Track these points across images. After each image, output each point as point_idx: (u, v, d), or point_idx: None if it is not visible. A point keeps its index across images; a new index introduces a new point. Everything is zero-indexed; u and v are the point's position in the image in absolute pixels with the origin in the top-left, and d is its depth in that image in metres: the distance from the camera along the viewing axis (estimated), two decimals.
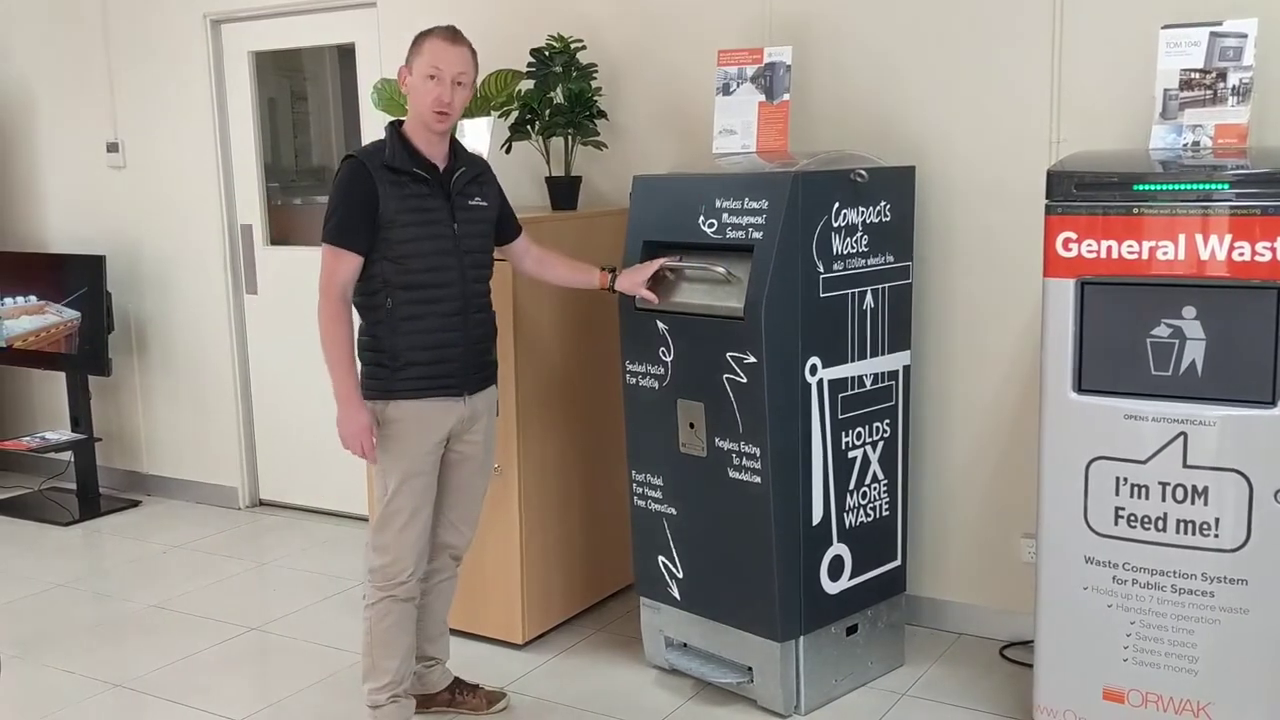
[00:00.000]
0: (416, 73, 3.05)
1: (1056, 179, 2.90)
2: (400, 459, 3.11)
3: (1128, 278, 2.82)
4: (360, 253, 3.02)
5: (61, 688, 3.73)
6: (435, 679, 3.45)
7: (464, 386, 3.16)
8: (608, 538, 4.12)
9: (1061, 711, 3.05)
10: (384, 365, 3.08)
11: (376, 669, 3.21)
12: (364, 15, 4.84)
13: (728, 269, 3.22)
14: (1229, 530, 2.78)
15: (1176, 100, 3.05)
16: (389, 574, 3.16)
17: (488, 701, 3.48)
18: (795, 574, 3.29)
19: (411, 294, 3.05)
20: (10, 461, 6.11)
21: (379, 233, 3.01)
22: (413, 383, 3.08)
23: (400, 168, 3.04)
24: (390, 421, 3.10)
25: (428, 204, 3.07)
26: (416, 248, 3.04)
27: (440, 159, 3.13)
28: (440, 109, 3.04)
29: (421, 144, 3.09)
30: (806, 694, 3.38)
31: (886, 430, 3.48)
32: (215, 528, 5.31)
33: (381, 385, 3.09)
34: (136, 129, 5.56)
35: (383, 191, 3.00)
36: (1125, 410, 2.86)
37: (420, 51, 3.06)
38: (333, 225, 3.03)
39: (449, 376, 3.12)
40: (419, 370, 3.07)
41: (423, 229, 3.05)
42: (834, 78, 3.85)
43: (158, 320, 5.66)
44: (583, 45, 4.08)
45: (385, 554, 3.16)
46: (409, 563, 3.16)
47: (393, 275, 3.04)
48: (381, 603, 3.17)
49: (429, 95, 3.03)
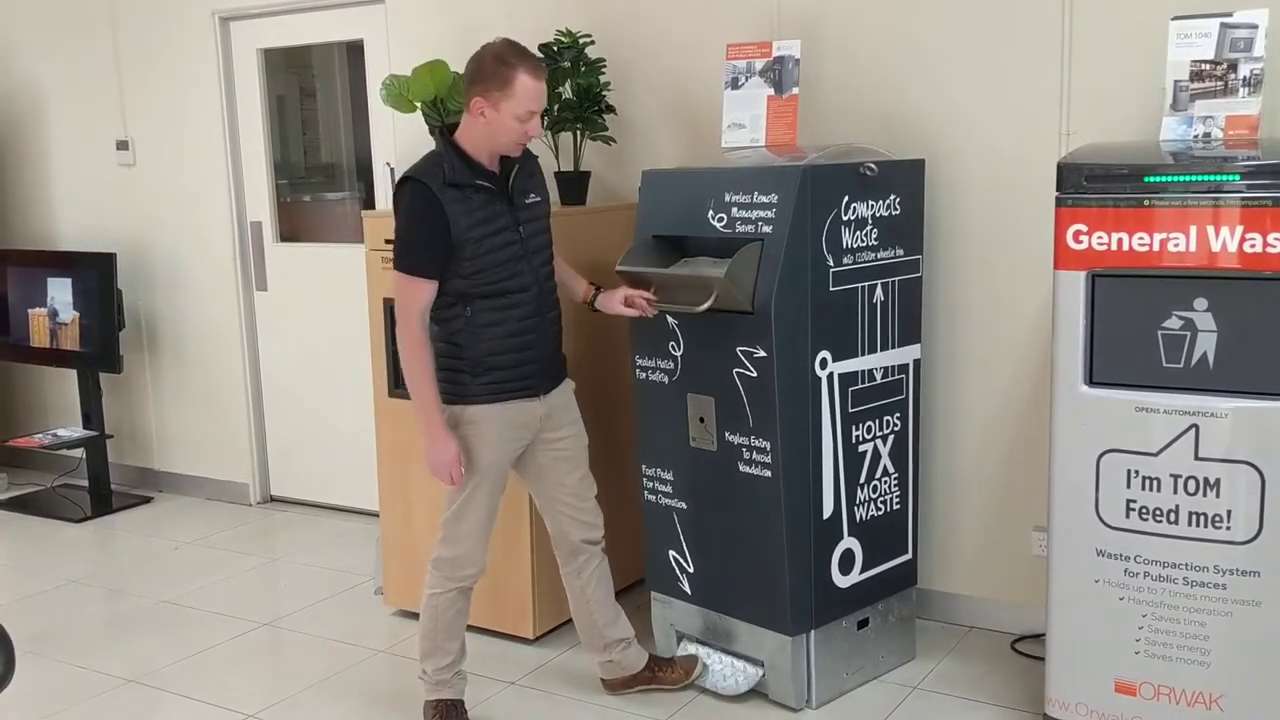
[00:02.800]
0: (506, 112, 2.97)
1: (1067, 171, 2.89)
2: (478, 459, 3.13)
3: (1139, 270, 2.82)
4: (435, 278, 3.02)
5: (75, 683, 3.75)
6: (632, 659, 3.48)
7: (540, 387, 3.19)
8: (618, 532, 4.10)
9: (1073, 704, 3.04)
10: (464, 371, 3.09)
11: (438, 650, 3.26)
12: (373, 12, 4.84)
13: (708, 278, 3.20)
14: (1241, 522, 2.77)
15: (1187, 92, 3.04)
16: (457, 566, 3.20)
17: (685, 671, 3.49)
18: (806, 568, 3.29)
19: (490, 302, 3.06)
20: (23, 459, 6.14)
21: (455, 251, 3.00)
22: (492, 386, 3.10)
23: (464, 183, 3.01)
24: (469, 423, 3.11)
25: (492, 212, 3.05)
26: (490, 259, 3.03)
27: (496, 163, 3.10)
28: (527, 140, 3.05)
29: (482, 156, 3.06)
30: (818, 688, 3.38)
31: (897, 424, 3.48)
32: (227, 524, 5.33)
33: (461, 390, 3.11)
34: (146, 127, 5.57)
35: (451, 211, 2.98)
36: (1136, 403, 2.85)
37: (511, 93, 2.95)
38: (406, 254, 3.01)
39: (529, 378, 3.15)
40: (500, 375, 3.10)
41: (493, 239, 3.04)
42: (842, 71, 3.84)
43: (168, 317, 5.68)
44: (591, 40, 4.07)
45: (456, 546, 3.19)
46: (477, 557, 3.21)
47: (469, 288, 3.05)
48: (448, 594, 3.22)
49: (516, 132, 3.00)
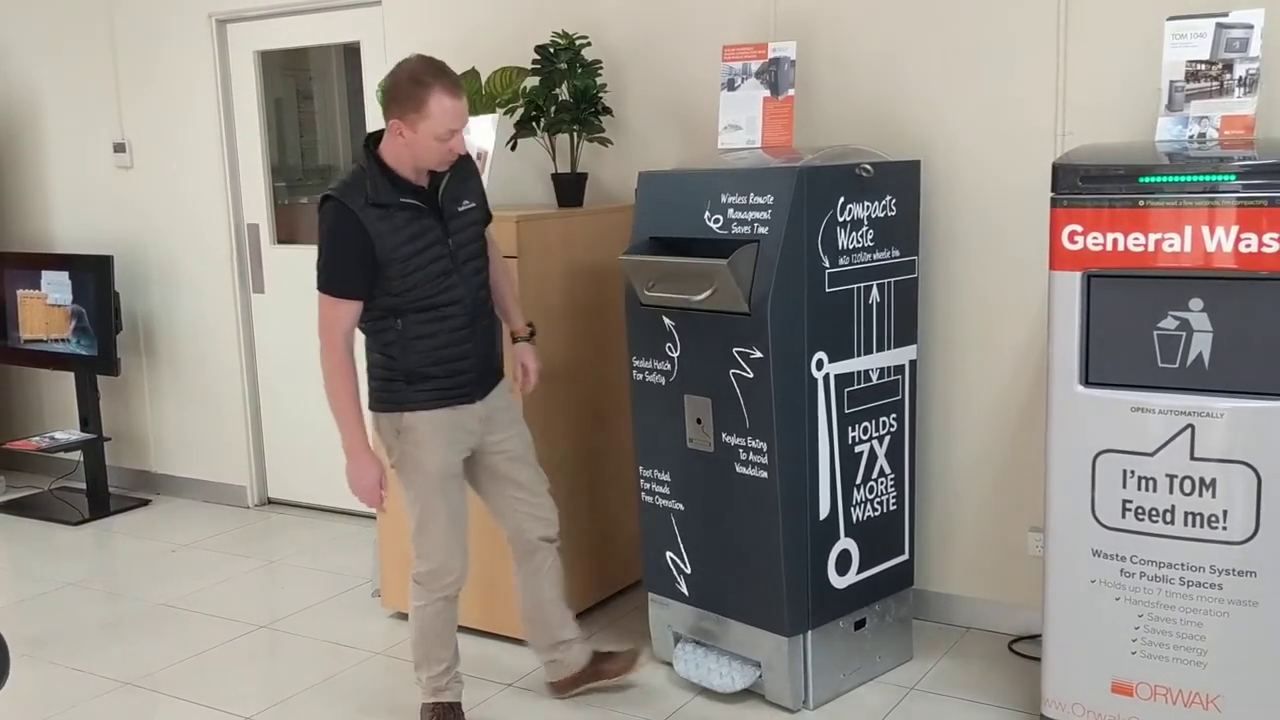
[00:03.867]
0: (423, 133, 2.89)
1: (1062, 172, 2.89)
2: (428, 463, 3.12)
3: (1134, 270, 2.82)
4: (359, 299, 2.98)
5: (72, 686, 3.75)
6: (574, 657, 3.48)
7: (476, 393, 3.17)
8: (616, 534, 4.13)
9: (1070, 705, 3.05)
10: (399, 380, 3.07)
11: (431, 659, 3.27)
12: (369, 14, 4.85)
13: (710, 266, 3.20)
14: (1237, 522, 2.78)
15: (1182, 92, 3.04)
16: (436, 577, 3.19)
17: (628, 661, 3.52)
18: (803, 568, 3.29)
19: (421, 315, 3.03)
20: (20, 461, 6.13)
21: (381, 271, 2.95)
22: (428, 394, 3.08)
23: (388, 202, 2.95)
24: (410, 429, 3.10)
25: (419, 228, 2.98)
26: (419, 277, 2.98)
27: (423, 177, 3.04)
28: (449, 160, 2.99)
29: (408, 173, 3.00)
30: (815, 688, 3.38)
31: (893, 425, 3.48)
32: (224, 526, 5.33)
33: (398, 398, 3.09)
34: (143, 129, 5.57)
35: (374, 231, 2.91)
36: (1132, 403, 2.85)
37: (426, 114, 2.87)
38: (328, 276, 2.97)
39: (463, 386, 3.12)
40: (435, 384, 3.07)
41: (420, 256, 2.98)
42: (838, 72, 3.84)
43: (165, 320, 5.68)
44: (588, 42, 4.08)
45: (431, 559, 3.18)
46: (455, 565, 3.19)
47: (400, 304, 3.01)
48: (433, 605, 3.21)
49: (439, 152, 2.94)
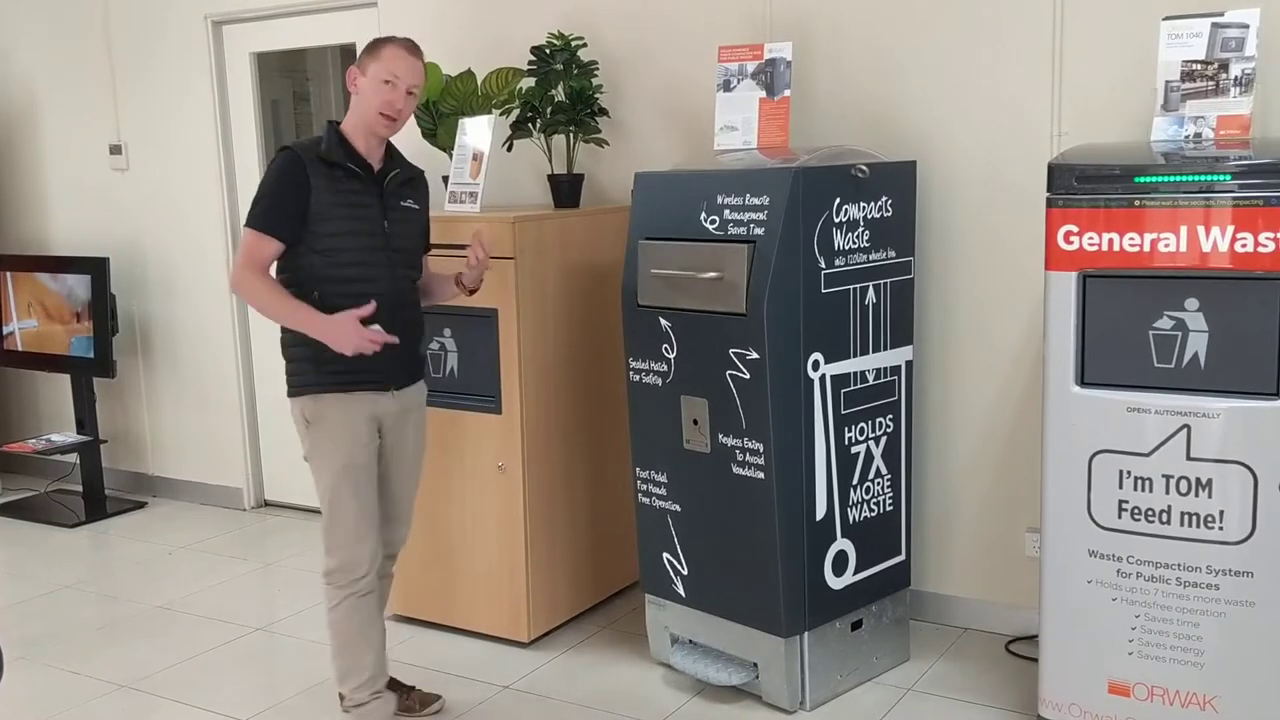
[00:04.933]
0: (371, 76, 3.05)
1: (1058, 172, 2.89)
2: (336, 453, 3.09)
3: (1130, 270, 2.82)
4: (283, 240, 3.01)
5: (68, 688, 3.74)
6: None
7: (390, 380, 3.14)
8: (612, 535, 4.12)
9: (1067, 705, 3.04)
10: (308, 360, 3.06)
11: (354, 668, 3.18)
12: (365, 15, 4.84)
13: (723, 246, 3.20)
14: (1234, 523, 2.77)
15: (1178, 92, 3.04)
16: (346, 573, 3.12)
17: (421, 703, 3.43)
18: (799, 569, 3.29)
19: (339, 287, 3.02)
20: (16, 464, 6.12)
21: (308, 225, 3.00)
22: (338, 376, 3.05)
23: (336, 161, 3.04)
24: (319, 418, 3.08)
25: (360, 200, 3.07)
26: (346, 242, 3.03)
27: (376, 160, 3.13)
28: (390, 113, 3.05)
29: (360, 145, 3.09)
30: (812, 689, 3.38)
31: (889, 425, 3.48)
32: (220, 528, 5.32)
33: (306, 380, 3.08)
34: (139, 131, 5.56)
35: (315, 184, 3.00)
36: (1128, 403, 2.85)
37: (378, 57, 3.06)
38: (259, 210, 3.02)
39: (375, 370, 3.08)
40: (345, 364, 3.02)
41: (353, 224, 3.05)
42: (834, 73, 3.84)
43: (161, 322, 5.67)
44: (584, 43, 4.07)
45: (339, 554, 3.12)
46: (364, 558, 3.13)
47: (320, 268, 3.02)
48: (345, 603, 3.14)
49: (379, 98, 3.04)
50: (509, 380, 3.69)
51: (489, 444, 3.76)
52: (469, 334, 3.78)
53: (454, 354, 3.84)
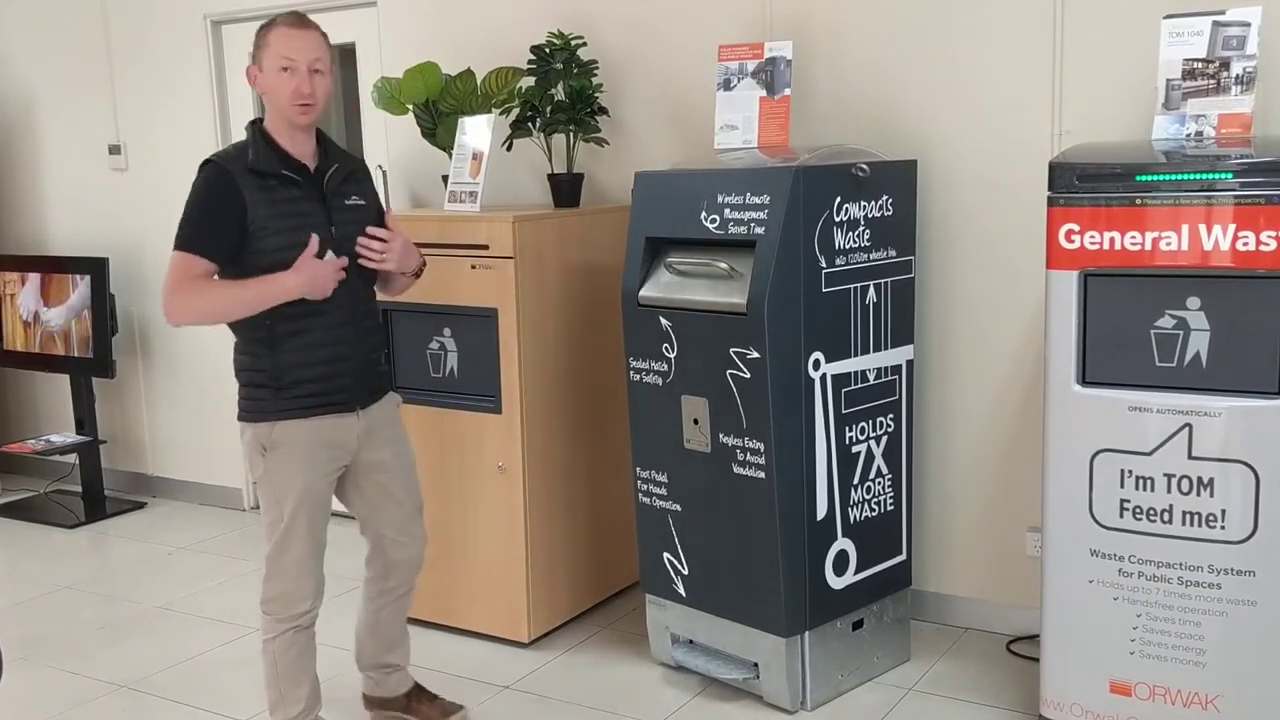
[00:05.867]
0: (268, 69, 2.83)
1: (1059, 170, 2.89)
2: (294, 482, 2.89)
3: (1131, 269, 2.81)
4: (214, 260, 2.79)
5: (68, 689, 3.73)
6: (394, 684, 3.32)
7: (356, 401, 2.97)
8: (613, 535, 4.12)
9: (1068, 705, 3.04)
10: (266, 386, 2.88)
11: (286, 699, 3.03)
12: (364, 15, 4.84)
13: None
14: (1236, 522, 2.77)
15: (1179, 90, 3.04)
16: (288, 605, 2.96)
17: (443, 713, 3.31)
18: (800, 569, 3.28)
19: (293, 307, 2.82)
20: (15, 464, 6.11)
21: (249, 243, 2.79)
22: (300, 401, 2.87)
23: (267, 170, 2.82)
24: (278, 445, 2.88)
25: (301, 208, 2.85)
26: (292, 255, 2.80)
27: (309, 157, 2.91)
28: (302, 100, 2.82)
29: (286, 142, 2.87)
30: (813, 689, 3.37)
31: (890, 425, 3.48)
32: (220, 529, 5.32)
33: (265, 406, 2.89)
34: (138, 131, 5.56)
35: (249, 197, 2.79)
36: (1129, 402, 2.85)
37: (266, 45, 2.83)
38: (187, 232, 2.81)
39: (340, 392, 2.92)
40: (308, 388, 2.87)
41: (297, 234, 2.81)
42: (835, 72, 3.84)
43: (161, 322, 5.62)
44: (583, 42, 4.07)
45: (282, 582, 2.95)
46: (307, 591, 2.97)
47: None
48: (284, 635, 2.98)
49: (286, 88, 2.81)
50: (509, 380, 3.69)
51: (489, 444, 3.76)
52: (469, 334, 3.77)
53: (454, 354, 3.84)
